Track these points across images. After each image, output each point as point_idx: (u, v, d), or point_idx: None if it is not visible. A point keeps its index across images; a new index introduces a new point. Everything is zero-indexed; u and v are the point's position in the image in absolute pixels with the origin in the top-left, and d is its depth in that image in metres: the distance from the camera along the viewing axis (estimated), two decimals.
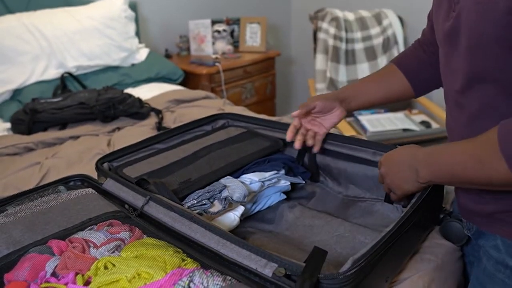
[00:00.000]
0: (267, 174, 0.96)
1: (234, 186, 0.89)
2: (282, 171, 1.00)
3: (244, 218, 0.94)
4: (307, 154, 1.08)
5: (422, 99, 2.44)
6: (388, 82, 1.00)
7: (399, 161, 0.78)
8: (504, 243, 0.72)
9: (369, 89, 1.01)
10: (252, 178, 0.95)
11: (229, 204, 0.87)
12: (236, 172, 0.99)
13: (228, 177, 0.94)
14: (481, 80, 0.68)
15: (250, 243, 0.68)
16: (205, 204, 0.86)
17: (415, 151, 0.76)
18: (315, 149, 1.01)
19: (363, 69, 2.44)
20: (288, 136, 0.99)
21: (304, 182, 1.06)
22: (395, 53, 2.47)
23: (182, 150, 1.09)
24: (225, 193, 0.87)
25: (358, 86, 1.02)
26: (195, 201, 0.87)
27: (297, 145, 0.98)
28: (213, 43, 2.79)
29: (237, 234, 0.83)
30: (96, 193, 0.90)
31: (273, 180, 0.98)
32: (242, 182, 0.92)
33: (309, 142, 0.99)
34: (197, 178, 0.95)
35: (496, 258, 0.73)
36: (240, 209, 0.88)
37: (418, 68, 0.98)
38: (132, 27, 2.36)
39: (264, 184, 0.96)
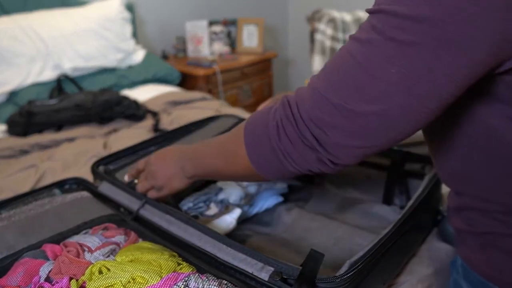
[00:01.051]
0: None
1: (230, 189, 0.88)
2: None
3: (241, 221, 0.93)
4: None
5: None
6: None
7: (169, 159, 0.78)
8: (462, 266, 0.69)
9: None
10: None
11: (226, 207, 0.86)
12: None
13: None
14: None
15: (247, 246, 0.68)
16: (201, 207, 0.85)
17: (184, 148, 0.78)
18: None
19: None
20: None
21: (301, 184, 1.05)
22: None
23: None
24: (221, 196, 0.86)
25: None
26: (191, 204, 0.86)
27: None
28: (210, 45, 2.78)
29: (234, 237, 0.83)
30: (91, 196, 0.89)
31: (270, 182, 0.97)
32: (238, 184, 0.91)
33: None
34: None
35: (456, 280, 0.71)
36: (237, 211, 0.87)
37: None
38: (128, 29, 2.35)
39: (261, 186, 0.96)
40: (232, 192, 0.88)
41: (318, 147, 0.55)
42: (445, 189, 0.95)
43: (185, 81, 2.59)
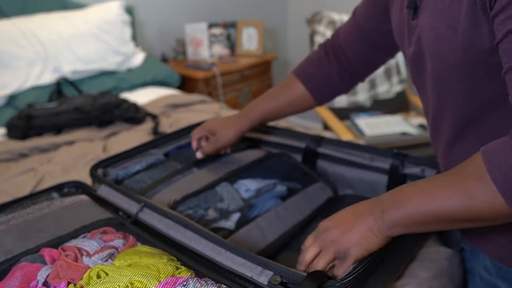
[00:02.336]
0: (262, 184, 0.96)
1: (229, 198, 0.88)
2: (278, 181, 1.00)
3: (241, 225, 0.93)
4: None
5: (418, 101, 2.43)
6: (287, 93, 0.99)
7: (351, 215, 0.63)
8: (494, 266, 0.69)
9: (267, 101, 1.01)
10: (249, 187, 0.94)
11: (225, 214, 0.86)
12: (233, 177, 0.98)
13: (223, 184, 0.93)
14: (449, 106, 0.67)
15: (246, 250, 0.67)
16: (201, 213, 0.85)
17: (370, 200, 0.63)
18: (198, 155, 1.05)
19: None
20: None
21: (301, 187, 1.05)
22: None
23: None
24: (220, 205, 0.86)
25: (258, 99, 1.03)
26: (191, 211, 0.86)
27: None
28: (210, 47, 2.78)
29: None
30: (90, 199, 0.89)
31: (270, 186, 0.97)
32: (237, 190, 0.91)
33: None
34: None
35: (488, 280, 0.71)
36: (236, 215, 0.87)
37: (322, 80, 0.97)
38: (128, 31, 2.35)
39: (260, 190, 0.95)
40: (231, 200, 0.88)
41: None
42: None
43: (185, 84, 2.59)
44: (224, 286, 0.61)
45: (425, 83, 0.72)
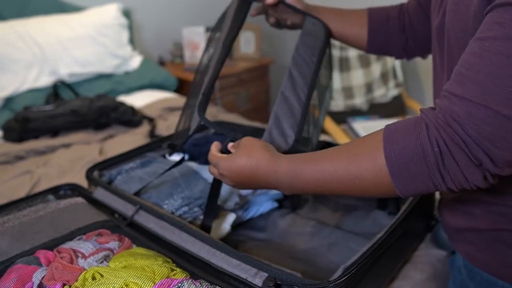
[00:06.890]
0: None
1: (225, 195, 0.88)
2: None
3: (236, 226, 0.93)
4: None
5: (415, 105, 2.45)
6: (350, 21, 0.97)
7: (251, 178, 0.67)
8: (466, 267, 0.69)
9: (330, 17, 0.98)
10: None
11: (221, 212, 0.86)
12: None
13: None
14: None
15: (241, 251, 0.68)
16: (196, 211, 0.85)
17: (271, 167, 0.65)
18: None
19: (357, 76, 2.44)
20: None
21: None
22: (388, 59, 2.48)
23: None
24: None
25: (323, 10, 1.00)
26: (187, 208, 0.86)
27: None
28: None
29: (228, 242, 0.82)
30: (85, 202, 0.89)
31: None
32: (232, 190, 0.91)
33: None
34: None
35: (460, 281, 0.71)
36: (231, 217, 0.87)
37: (384, 29, 0.94)
38: (125, 35, 2.36)
39: (256, 190, 0.96)
40: (227, 197, 0.88)
41: (489, 164, 0.50)
42: (438, 195, 0.95)
43: (182, 87, 2.60)
44: None
45: (440, 56, 0.70)
